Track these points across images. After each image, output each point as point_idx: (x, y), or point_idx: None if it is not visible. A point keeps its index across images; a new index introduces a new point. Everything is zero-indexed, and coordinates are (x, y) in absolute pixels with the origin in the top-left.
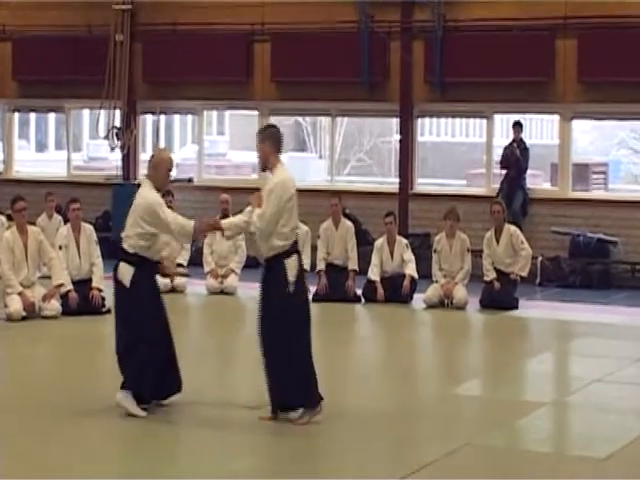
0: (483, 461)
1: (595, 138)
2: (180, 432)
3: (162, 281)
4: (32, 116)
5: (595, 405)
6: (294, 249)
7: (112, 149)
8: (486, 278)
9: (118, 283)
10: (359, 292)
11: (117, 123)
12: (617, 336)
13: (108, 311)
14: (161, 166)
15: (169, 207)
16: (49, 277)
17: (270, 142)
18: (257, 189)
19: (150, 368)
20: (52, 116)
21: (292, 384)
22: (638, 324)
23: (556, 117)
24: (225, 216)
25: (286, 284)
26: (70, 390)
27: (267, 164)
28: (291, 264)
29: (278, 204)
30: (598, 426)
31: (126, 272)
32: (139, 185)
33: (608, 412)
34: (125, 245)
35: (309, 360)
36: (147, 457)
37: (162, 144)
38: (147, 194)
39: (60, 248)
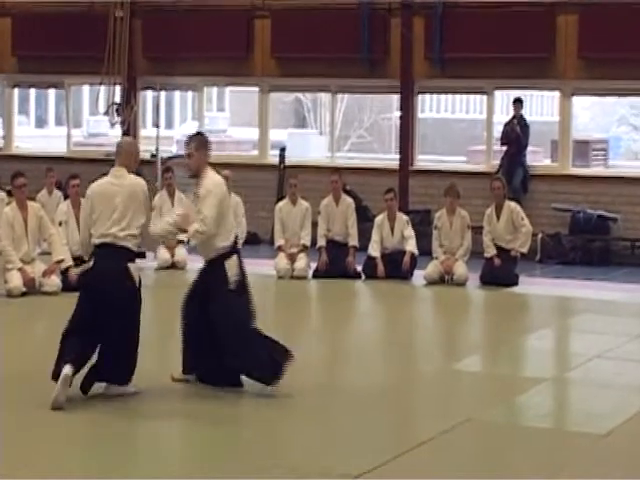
0: (483, 437)
1: (595, 114)
2: (177, 407)
3: (162, 257)
4: (32, 92)
5: (595, 381)
6: (234, 250)
7: (112, 125)
8: (486, 254)
9: (131, 282)
10: (359, 268)
11: (117, 99)
12: (617, 312)
13: None
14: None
15: (169, 184)
16: (49, 253)
17: (203, 151)
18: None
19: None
20: (52, 92)
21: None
22: (638, 300)
23: (556, 93)
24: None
25: (227, 283)
26: None
27: (199, 172)
28: (231, 264)
29: (218, 205)
30: (598, 402)
31: (135, 272)
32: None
33: (608, 388)
34: (129, 244)
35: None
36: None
37: (162, 120)
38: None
39: (60, 224)
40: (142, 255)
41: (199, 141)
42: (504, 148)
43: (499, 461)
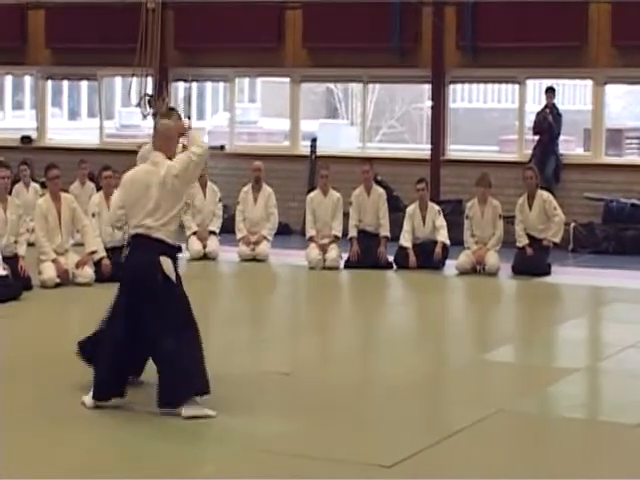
0: (515, 427)
1: (629, 103)
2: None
3: (195, 248)
4: (65, 84)
5: (628, 371)
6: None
7: (144, 117)
8: (518, 244)
9: (163, 276)
10: (391, 259)
11: (149, 91)
12: None
13: None
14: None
15: (200, 175)
16: (82, 244)
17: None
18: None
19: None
20: (85, 84)
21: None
22: None
23: (589, 82)
24: (258, 183)
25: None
26: None
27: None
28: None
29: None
30: (630, 392)
31: (167, 265)
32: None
33: None
34: (162, 235)
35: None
36: (176, 429)
37: (194, 112)
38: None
39: (93, 215)
40: (179, 249)
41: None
42: (536, 137)
43: (531, 451)
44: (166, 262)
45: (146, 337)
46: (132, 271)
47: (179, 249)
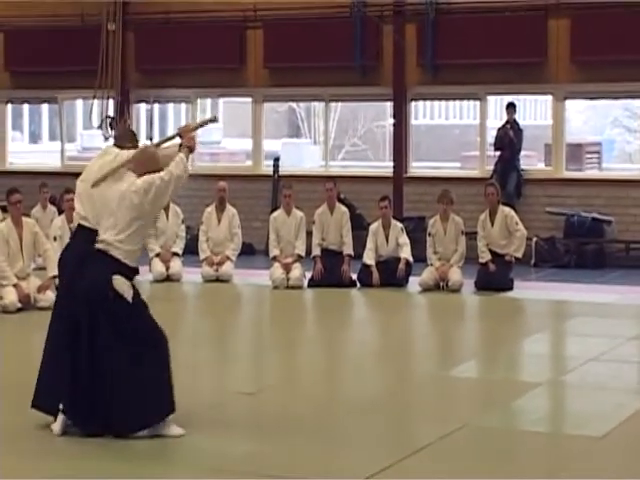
0: (480, 442)
1: (589, 118)
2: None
3: (158, 270)
4: (25, 107)
5: (591, 384)
6: None
7: (106, 139)
8: (481, 260)
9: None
10: (354, 277)
11: (110, 112)
12: (612, 315)
13: None
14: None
15: None
16: (44, 268)
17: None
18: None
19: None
20: (45, 107)
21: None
22: (633, 302)
23: (549, 97)
24: (222, 204)
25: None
26: None
27: None
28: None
29: None
30: (594, 405)
31: (123, 285)
32: None
33: (604, 391)
34: (119, 254)
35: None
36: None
37: (156, 133)
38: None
39: (55, 239)
40: (136, 271)
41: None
42: (498, 153)
43: (497, 465)
44: (119, 280)
45: (98, 354)
46: (85, 286)
47: (136, 271)
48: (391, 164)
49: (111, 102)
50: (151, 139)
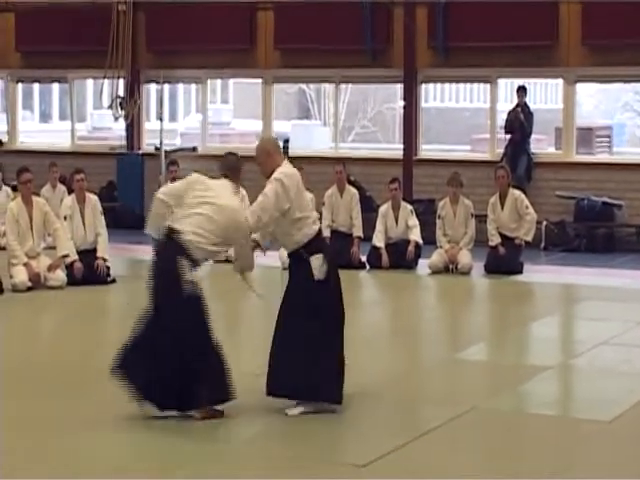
0: (489, 425)
1: (599, 101)
2: None
3: None
4: (36, 87)
5: (600, 368)
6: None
7: (116, 119)
8: (491, 243)
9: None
10: (364, 258)
11: (121, 93)
12: (622, 299)
13: (113, 281)
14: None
15: (173, 178)
16: (54, 248)
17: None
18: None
19: None
20: (56, 86)
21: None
22: None
23: (560, 81)
24: None
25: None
26: (74, 359)
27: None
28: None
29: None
30: (603, 389)
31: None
32: (143, 155)
33: (613, 375)
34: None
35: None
36: (149, 431)
37: (166, 113)
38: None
39: (65, 219)
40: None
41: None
42: (508, 136)
43: (505, 449)
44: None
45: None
46: None
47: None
48: (401, 146)
49: (121, 82)
50: (161, 119)
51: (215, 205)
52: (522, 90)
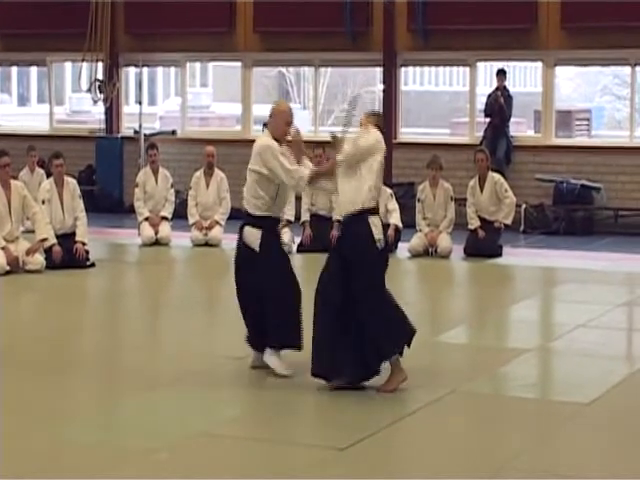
0: (468, 408)
1: (578, 85)
2: (166, 382)
3: (147, 234)
4: (14, 70)
5: (579, 350)
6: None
7: (95, 102)
8: (470, 226)
9: (247, 247)
10: None
11: (100, 76)
12: (601, 282)
13: (92, 265)
14: (278, 116)
15: (153, 161)
16: (33, 232)
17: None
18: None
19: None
20: (34, 70)
21: None
22: (621, 269)
23: (539, 64)
24: (210, 169)
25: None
26: (53, 343)
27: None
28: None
29: (356, 146)
30: (582, 371)
31: (253, 236)
32: (122, 138)
33: (592, 357)
34: (249, 208)
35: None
36: (132, 413)
37: (145, 97)
38: (261, 139)
39: (43, 202)
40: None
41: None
42: (487, 120)
43: (485, 430)
44: (249, 231)
45: None
46: None
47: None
48: None
49: (100, 65)
50: (140, 103)
51: None
52: (502, 73)
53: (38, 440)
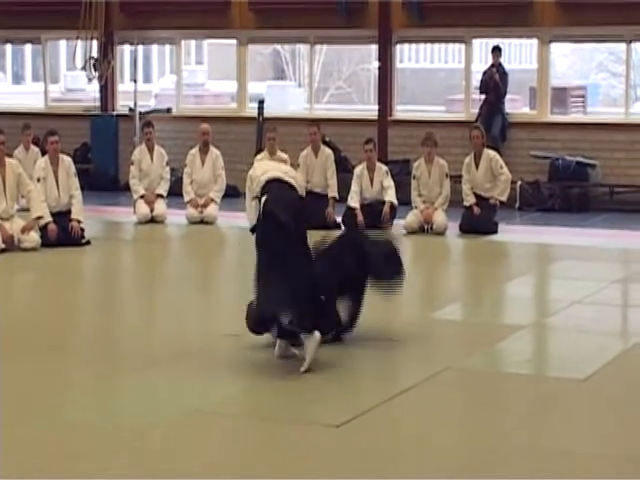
0: (463, 384)
1: (574, 62)
2: (163, 361)
3: (142, 211)
4: (8, 47)
5: (574, 327)
6: None
7: (90, 80)
8: (465, 203)
9: None
10: (339, 219)
11: (94, 54)
12: (596, 258)
13: (88, 242)
14: None
15: (148, 139)
16: (28, 210)
17: None
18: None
19: None
20: (28, 47)
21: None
22: (616, 246)
23: (535, 41)
24: (205, 146)
25: None
26: (49, 322)
27: None
28: None
29: None
30: (577, 347)
31: None
32: (117, 116)
33: (587, 333)
34: None
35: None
36: (128, 392)
37: (140, 75)
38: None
39: (38, 180)
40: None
41: None
42: (483, 97)
43: (480, 407)
44: None
45: None
46: None
47: None
48: (376, 107)
49: (95, 43)
50: (135, 80)
51: None
52: (497, 50)
53: (37, 421)
